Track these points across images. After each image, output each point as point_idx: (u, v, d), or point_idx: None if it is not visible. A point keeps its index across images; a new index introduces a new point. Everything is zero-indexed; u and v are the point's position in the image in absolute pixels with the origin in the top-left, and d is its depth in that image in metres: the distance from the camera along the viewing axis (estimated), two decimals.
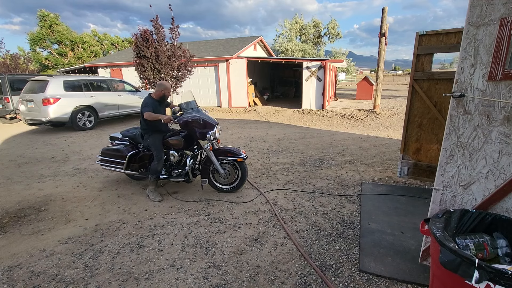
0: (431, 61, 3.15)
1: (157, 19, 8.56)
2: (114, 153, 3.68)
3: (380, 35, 9.36)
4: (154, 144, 3.41)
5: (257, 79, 15.50)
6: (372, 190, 3.53)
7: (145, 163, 3.69)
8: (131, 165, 3.60)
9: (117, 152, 3.65)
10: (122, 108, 9.40)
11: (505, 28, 1.47)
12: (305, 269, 2.12)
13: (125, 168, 3.58)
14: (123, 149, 3.64)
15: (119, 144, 3.83)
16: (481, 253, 1.49)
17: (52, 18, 27.49)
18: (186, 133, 3.49)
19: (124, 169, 3.58)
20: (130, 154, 3.55)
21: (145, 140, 3.53)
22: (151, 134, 3.45)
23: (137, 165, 3.62)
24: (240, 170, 3.54)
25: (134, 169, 3.63)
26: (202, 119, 3.38)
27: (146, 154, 3.65)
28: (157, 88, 3.46)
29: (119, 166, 3.63)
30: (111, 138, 3.98)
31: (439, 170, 1.83)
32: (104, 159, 3.79)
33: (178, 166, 3.61)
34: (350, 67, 29.42)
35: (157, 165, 3.37)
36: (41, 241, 2.60)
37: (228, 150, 3.50)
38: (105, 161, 3.78)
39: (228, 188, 3.60)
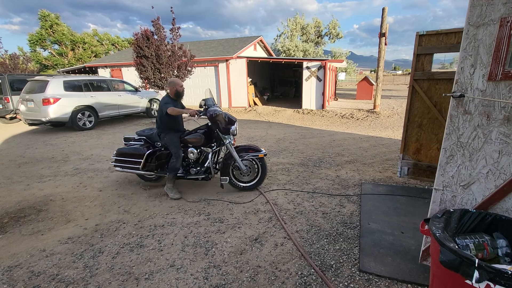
0: (431, 61, 3.15)
1: (158, 20, 8.56)
2: (131, 153, 3.61)
3: (380, 35, 9.36)
4: (172, 142, 3.43)
5: (257, 79, 15.50)
6: (372, 190, 3.53)
7: (162, 163, 3.62)
8: (148, 165, 3.56)
9: (134, 151, 3.59)
10: (122, 108, 9.41)
11: (505, 28, 1.47)
12: (305, 269, 2.12)
13: (141, 167, 3.53)
14: (140, 148, 3.59)
15: (134, 144, 3.76)
16: (481, 253, 1.49)
17: (53, 18, 27.50)
18: (205, 130, 3.52)
19: (140, 168, 3.54)
20: (148, 153, 3.52)
21: (163, 139, 3.53)
22: (168, 132, 3.47)
23: (154, 164, 3.56)
24: (261, 167, 3.58)
25: (151, 168, 3.59)
26: (225, 114, 3.42)
27: (164, 153, 3.61)
28: (169, 86, 3.50)
29: (136, 166, 3.58)
30: (125, 139, 3.92)
31: (439, 170, 1.83)
32: (119, 159, 3.70)
33: (195, 164, 3.60)
34: (350, 68, 29.42)
35: (176, 162, 3.38)
36: (41, 241, 2.60)
37: (248, 146, 3.56)
38: (121, 161, 3.70)
39: (248, 186, 3.62)
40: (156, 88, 9.26)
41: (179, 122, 3.57)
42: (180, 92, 3.54)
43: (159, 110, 3.41)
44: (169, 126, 3.47)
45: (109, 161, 5.15)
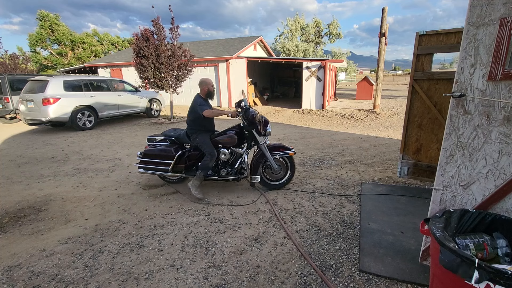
0: (431, 61, 3.15)
1: (158, 19, 8.56)
2: (160, 154, 3.53)
3: (380, 35, 9.36)
4: (204, 142, 3.41)
5: (257, 79, 15.50)
6: (372, 190, 3.53)
7: (191, 164, 3.59)
8: (177, 166, 3.51)
9: (164, 152, 3.51)
10: (122, 108, 9.41)
11: (505, 28, 1.47)
12: (305, 269, 2.12)
13: (171, 169, 3.48)
14: (170, 149, 3.51)
15: (159, 145, 3.65)
16: (481, 253, 1.49)
17: (52, 19, 27.48)
18: (236, 131, 3.54)
19: (170, 170, 3.49)
20: (179, 154, 3.49)
21: (194, 140, 3.48)
22: (200, 133, 3.44)
23: (183, 165, 3.52)
24: (290, 165, 3.64)
25: (179, 170, 3.55)
26: (261, 115, 3.48)
27: (193, 154, 3.56)
28: (201, 86, 3.48)
29: (164, 167, 3.51)
30: (149, 140, 3.79)
31: (439, 170, 1.83)
32: (146, 161, 3.60)
33: (226, 165, 3.59)
34: (350, 68, 29.42)
35: (209, 161, 3.36)
36: (41, 241, 2.60)
37: (279, 145, 3.61)
38: (147, 163, 3.60)
39: (278, 184, 3.67)
40: (156, 88, 9.25)
41: (212, 123, 3.56)
42: (211, 92, 3.53)
43: (193, 111, 3.38)
44: (203, 127, 3.45)
45: (109, 161, 5.15)
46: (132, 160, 5.16)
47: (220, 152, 3.49)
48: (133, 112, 9.98)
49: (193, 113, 3.39)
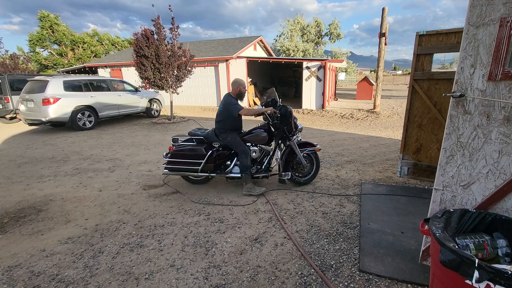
0: (431, 61, 3.15)
1: (158, 19, 8.56)
2: (191, 153, 3.48)
3: (380, 35, 9.36)
4: (235, 141, 3.45)
5: (257, 79, 15.51)
6: (372, 190, 3.53)
7: (219, 163, 3.58)
8: (206, 165, 3.48)
9: (194, 152, 3.47)
10: (122, 108, 9.41)
11: (505, 28, 1.47)
12: (305, 269, 2.12)
13: (201, 168, 3.46)
14: (201, 148, 3.47)
15: (187, 144, 3.60)
16: (481, 253, 1.49)
17: (52, 19, 27.49)
18: (265, 129, 3.61)
19: (200, 170, 3.48)
20: (210, 153, 3.47)
21: (224, 139, 3.48)
22: (229, 132, 3.47)
23: (212, 165, 3.49)
24: (315, 161, 3.77)
25: (208, 169, 3.53)
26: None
27: (222, 153, 3.56)
28: (233, 85, 3.53)
29: (194, 167, 3.48)
30: (174, 140, 3.72)
31: (439, 170, 1.83)
32: (174, 161, 3.54)
33: (254, 163, 3.61)
34: (350, 68, 29.43)
35: (246, 160, 3.40)
36: (41, 241, 2.60)
37: (305, 142, 3.72)
38: (175, 163, 3.55)
39: (305, 180, 3.77)
40: (156, 88, 9.25)
41: (241, 122, 3.62)
42: (243, 93, 3.56)
43: (225, 110, 3.41)
44: (233, 126, 3.49)
45: (109, 161, 5.15)
46: (132, 160, 5.16)
47: (250, 150, 3.54)
48: (133, 112, 9.98)
49: (226, 113, 3.42)
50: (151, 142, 6.71)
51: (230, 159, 3.62)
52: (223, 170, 3.62)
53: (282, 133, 3.55)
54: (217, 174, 3.59)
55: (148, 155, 5.50)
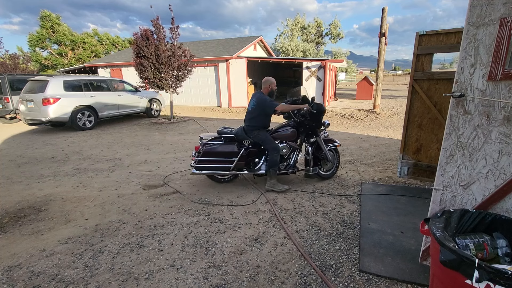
0: (431, 61, 3.15)
1: (157, 19, 8.56)
2: (224, 151, 3.49)
3: (380, 35, 9.36)
4: (267, 138, 3.52)
5: (257, 79, 15.50)
6: (372, 190, 3.53)
7: (249, 160, 3.64)
8: (238, 163, 3.51)
9: (227, 150, 3.49)
10: (122, 108, 9.41)
11: (505, 28, 1.47)
12: (305, 269, 2.12)
13: (234, 166, 3.49)
14: (234, 146, 3.51)
15: (217, 143, 3.60)
16: (481, 253, 1.49)
17: (54, 19, 27.51)
18: (293, 126, 3.74)
19: (232, 168, 3.50)
20: (242, 150, 3.51)
21: (255, 136, 3.53)
22: (261, 130, 3.55)
23: (243, 162, 3.53)
24: (337, 156, 3.99)
25: (240, 167, 3.56)
26: None
27: (252, 150, 3.61)
28: (264, 84, 3.61)
29: (226, 165, 3.50)
30: (201, 139, 3.73)
31: (439, 170, 1.83)
32: (206, 160, 3.51)
33: (282, 159, 3.69)
34: (350, 68, 29.43)
35: (276, 156, 3.47)
36: (41, 241, 2.60)
37: (328, 138, 3.91)
38: (207, 162, 3.51)
39: (328, 174, 3.96)
40: (156, 88, 9.25)
41: (270, 120, 3.69)
42: (274, 91, 3.66)
43: (259, 107, 3.48)
44: (264, 123, 3.58)
45: (109, 161, 5.15)
46: (132, 160, 5.16)
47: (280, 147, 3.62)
48: (133, 112, 9.98)
49: (259, 110, 3.49)
50: (151, 142, 6.71)
51: (258, 156, 3.70)
52: (253, 168, 3.68)
53: (308, 130, 3.72)
54: (248, 171, 3.65)
55: (148, 155, 5.50)
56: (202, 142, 3.65)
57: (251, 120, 3.57)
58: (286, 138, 3.66)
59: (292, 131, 3.68)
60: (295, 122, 3.75)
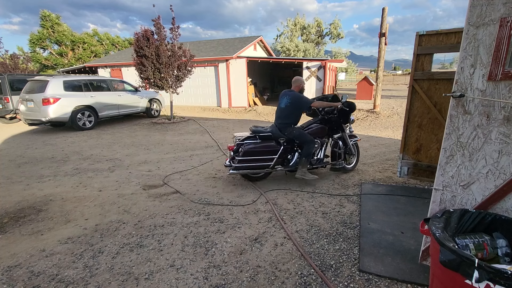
0: (431, 61, 3.15)
1: (158, 19, 8.56)
2: (265, 150, 3.56)
3: (380, 35, 9.36)
4: (301, 133, 3.68)
5: (257, 79, 15.51)
6: (372, 190, 3.53)
7: (285, 158, 3.80)
8: (277, 161, 3.64)
9: (268, 148, 3.57)
10: (122, 108, 9.41)
11: (505, 28, 1.47)
12: (305, 269, 2.12)
13: (274, 164, 3.60)
14: (273, 144, 3.62)
15: (254, 142, 3.64)
16: (481, 253, 1.49)
17: (54, 19, 27.51)
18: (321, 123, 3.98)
19: (272, 165, 3.60)
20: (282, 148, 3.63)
21: (290, 133, 3.65)
22: (293, 127, 3.72)
23: (281, 159, 3.69)
24: (357, 150, 4.31)
25: (278, 164, 3.70)
26: None
27: (288, 147, 3.75)
28: (296, 83, 3.78)
29: (267, 163, 3.58)
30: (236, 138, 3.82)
31: (439, 170, 1.83)
32: (247, 159, 3.52)
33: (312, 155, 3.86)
34: (350, 68, 29.42)
35: (312, 148, 3.68)
36: (41, 241, 2.60)
37: (351, 134, 4.19)
38: (248, 161, 3.53)
39: (350, 167, 4.26)
40: (156, 88, 9.25)
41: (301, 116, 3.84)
42: (303, 89, 3.87)
43: (294, 104, 3.62)
44: (296, 120, 3.75)
45: (109, 161, 5.15)
46: (131, 160, 5.16)
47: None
48: (133, 112, 9.98)
49: (293, 107, 3.64)
50: (151, 142, 6.71)
51: (291, 153, 3.86)
52: (287, 164, 3.82)
53: (335, 126, 4.00)
54: (285, 168, 3.79)
55: (148, 155, 5.50)
56: (237, 142, 3.72)
57: (284, 118, 3.69)
58: (317, 134, 3.86)
59: (322, 127, 3.90)
60: (323, 119, 3.99)
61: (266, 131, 3.69)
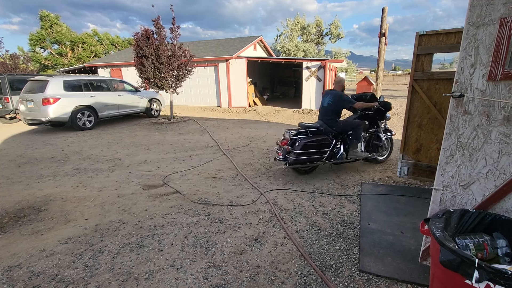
0: (431, 61, 3.15)
1: (158, 19, 8.55)
2: (321, 143, 3.84)
3: (380, 35, 9.36)
4: (347, 122, 4.15)
5: (257, 79, 15.50)
6: (372, 190, 3.53)
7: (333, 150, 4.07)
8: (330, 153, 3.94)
9: (324, 142, 3.86)
10: (122, 108, 9.40)
11: (505, 28, 1.47)
12: (305, 269, 2.12)
13: (327, 156, 3.90)
14: (327, 138, 3.91)
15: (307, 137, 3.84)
16: (481, 253, 1.49)
17: (53, 19, 27.49)
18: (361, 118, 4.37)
19: (326, 157, 3.90)
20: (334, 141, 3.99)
21: (338, 127, 4.03)
22: (338, 120, 4.10)
23: (332, 152, 3.97)
24: (391, 143, 4.70)
25: (330, 156, 3.97)
26: None
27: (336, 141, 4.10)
28: (339, 83, 4.13)
29: (321, 156, 3.86)
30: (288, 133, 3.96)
31: (439, 170, 1.83)
32: (303, 152, 3.73)
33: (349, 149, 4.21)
34: (350, 68, 29.41)
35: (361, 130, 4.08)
36: (41, 241, 2.60)
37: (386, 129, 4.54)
38: (304, 154, 3.74)
39: (383, 159, 4.64)
40: (156, 88, 9.25)
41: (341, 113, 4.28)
42: (344, 87, 4.20)
43: (338, 102, 3.97)
44: (339, 115, 4.13)
45: (109, 161, 5.15)
46: (131, 160, 5.16)
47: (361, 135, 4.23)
48: (133, 112, 9.97)
49: (335, 104, 4.00)
50: (151, 142, 6.71)
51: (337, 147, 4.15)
52: (334, 157, 4.09)
53: (370, 122, 4.36)
54: (333, 160, 4.08)
55: (148, 155, 5.50)
56: (289, 137, 3.88)
57: (329, 114, 4.04)
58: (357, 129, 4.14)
59: (363, 122, 4.20)
60: (361, 115, 4.38)
61: (317, 126, 3.98)
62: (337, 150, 4.11)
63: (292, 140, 3.82)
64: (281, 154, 3.85)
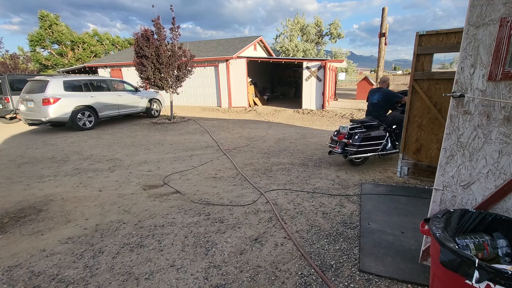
0: (431, 61, 3.15)
1: (158, 19, 8.56)
2: (378, 135, 4.22)
3: (380, 35, 9.37)
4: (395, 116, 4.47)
5: (257, 79, 15.51)
6: (372, 190, 3.53)
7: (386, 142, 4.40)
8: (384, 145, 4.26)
9: (380, 134, 4.25)
10: (122, 108, 9.41)
11: (505, 28, 1.47)
12: (305, 269, 2.12)
13: (382, 148, 4.23)
14: (382, 131, 4.28)
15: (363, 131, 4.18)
16: (481, 253, 1.49)
17: (52, 19, 27.49)
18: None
19: (381, 149, 4.23)
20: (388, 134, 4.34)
21: (387, 121, 4.45)
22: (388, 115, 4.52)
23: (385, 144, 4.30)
24: None
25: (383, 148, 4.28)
26: None
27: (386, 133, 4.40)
28: (385, 82, 4.57)
29: (377, 147, 4.23)
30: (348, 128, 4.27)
31: (439, 170, 1.83)
32: (363, 144, 4.09)
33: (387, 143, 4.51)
34: (350, 68, 29.40)
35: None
36: (41, 241, 2.60)
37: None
38: (363, 146, 4.10)
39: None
40: (156, 88, 9.25)
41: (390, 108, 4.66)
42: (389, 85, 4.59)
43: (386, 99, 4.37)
44: (388, 111, 4.53)
45: (109, 161, 5.15)
46: (132, 160, 5.16)
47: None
48: (133, 112, 9.98)
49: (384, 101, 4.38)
50: (151, 142, 6.71)
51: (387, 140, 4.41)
52: (384, 149, 4.37)
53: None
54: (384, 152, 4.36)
55: (148, 155, 5.50)
56: (346, 131, 4.21)
57: (379, 109, 4.44)
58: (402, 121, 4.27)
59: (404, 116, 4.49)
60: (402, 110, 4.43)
61: (370, 120, 4.30)
62: (386, 143, 4.39)
63: (349, 134, 4.17)
64: (338, 147, 4.21)
